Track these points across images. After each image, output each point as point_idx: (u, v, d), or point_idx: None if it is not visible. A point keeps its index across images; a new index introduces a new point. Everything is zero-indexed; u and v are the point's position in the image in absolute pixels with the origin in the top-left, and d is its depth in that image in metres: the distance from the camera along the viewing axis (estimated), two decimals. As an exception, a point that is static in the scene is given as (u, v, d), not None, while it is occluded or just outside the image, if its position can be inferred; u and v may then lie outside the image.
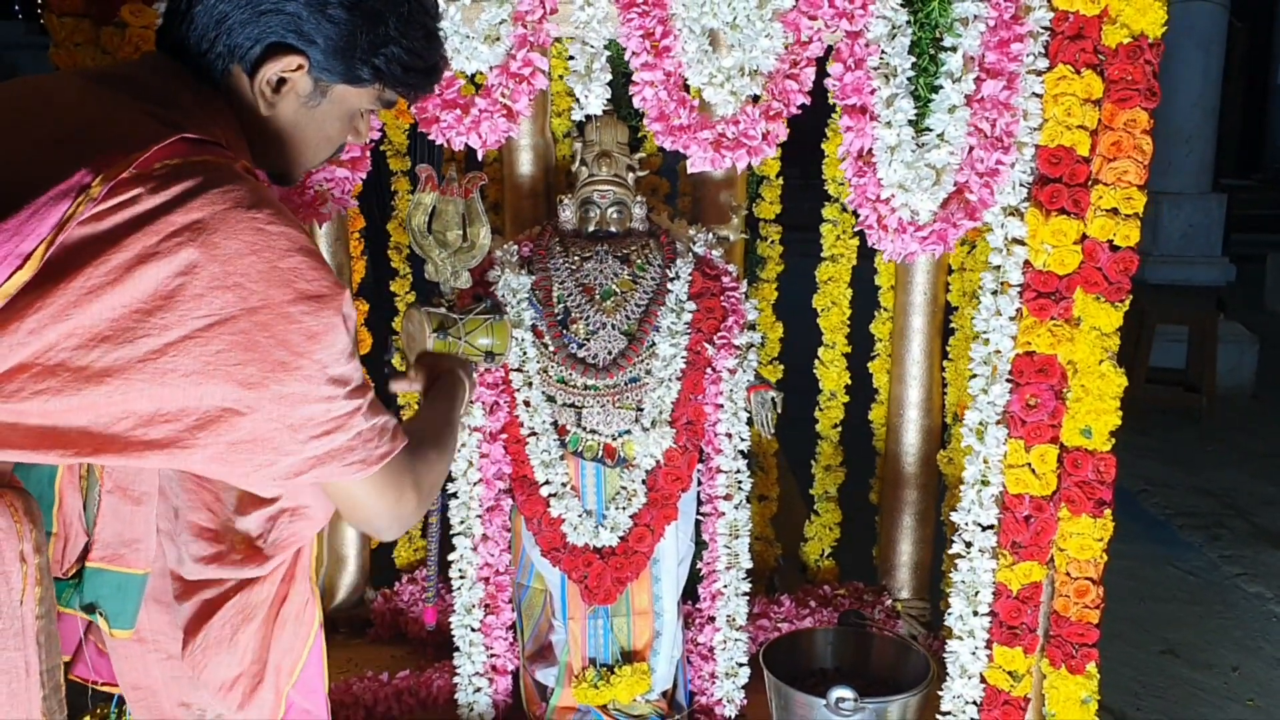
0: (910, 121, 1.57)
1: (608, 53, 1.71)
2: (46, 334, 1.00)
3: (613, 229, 2.15)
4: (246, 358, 1.04)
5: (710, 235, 2.20)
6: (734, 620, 2.24)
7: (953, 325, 2.51)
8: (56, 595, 1.33)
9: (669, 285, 2.13)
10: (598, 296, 2.11)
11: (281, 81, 1.17)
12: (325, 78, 1.18)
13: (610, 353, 2.09)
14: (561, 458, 2.12)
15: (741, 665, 2.24)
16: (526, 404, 2.12)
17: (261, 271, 1.04)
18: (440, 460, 1.36)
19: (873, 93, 1.58)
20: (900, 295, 2.53)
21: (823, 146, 2.52)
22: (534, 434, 2.11)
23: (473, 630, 2.18)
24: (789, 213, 2.69)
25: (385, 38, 1.18)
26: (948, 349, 2.53)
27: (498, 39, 1.63)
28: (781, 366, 2.73)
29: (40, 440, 1.04)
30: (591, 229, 2.15)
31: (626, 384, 2.10)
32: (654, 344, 2.10)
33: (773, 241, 2.69)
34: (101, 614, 1.34)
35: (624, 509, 2.12)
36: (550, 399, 2.12)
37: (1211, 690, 3.17)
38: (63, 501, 1.27)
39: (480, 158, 1.82)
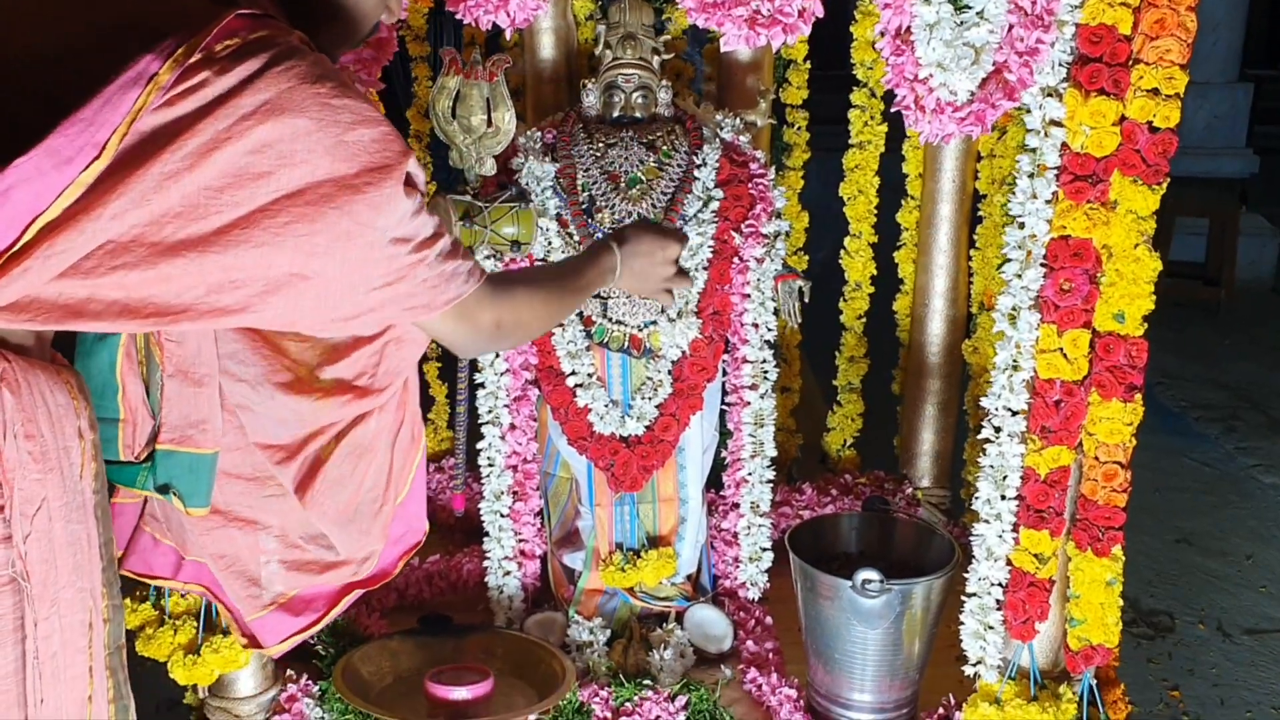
0: (949, -2, 1.53)
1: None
2: (127, 218, 1.04)
3: (638, 114, 2.12)
4: (313, 228, 1.09)
5: (737, 121, 2.17)
6: (758, 507, 2.27)
7: (981, 213, 2.48)
8: (130, 479, 1.38)
9: (695, 172, 2.10)
10: (623, 184, 2.08)
11: None
12: None
13: (635, 241, 2.07)
14: (588, 348, 2.13)
15: (765, 550, 2.28)
16: (552, 293, 2.11)
17: (328, 146, 1.07)
18: (532, 304, 1.44)
19: (912, -33, 1.54)
20: (928, 182, 2.50)
21: (851, 30, 2.46)
22: (560, 325, 2.11)
23: (501, 516, 2.21)
24: (808, 104, 2.65)
25: None
26: (975, 237, 2.50)
27: (525, -89, 1.58)
28: (806, 257, 2.71)
29: (119, 312, 1.08)
30: (616, 114, 2.12)
31: (653, 273, 2.08)
32: (681, 232, 2.08)
33: (800, 128, 2.64)
34: (176, 494, 1.40)
35: (650, 399, 2.13)
36: (576, 288, 2.10)
37: (1225, 578, 3.22)
38: (125, 388, 1.33)
39: (506, 39, 1.78)
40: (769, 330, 2.18)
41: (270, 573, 1.47)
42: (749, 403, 2.22)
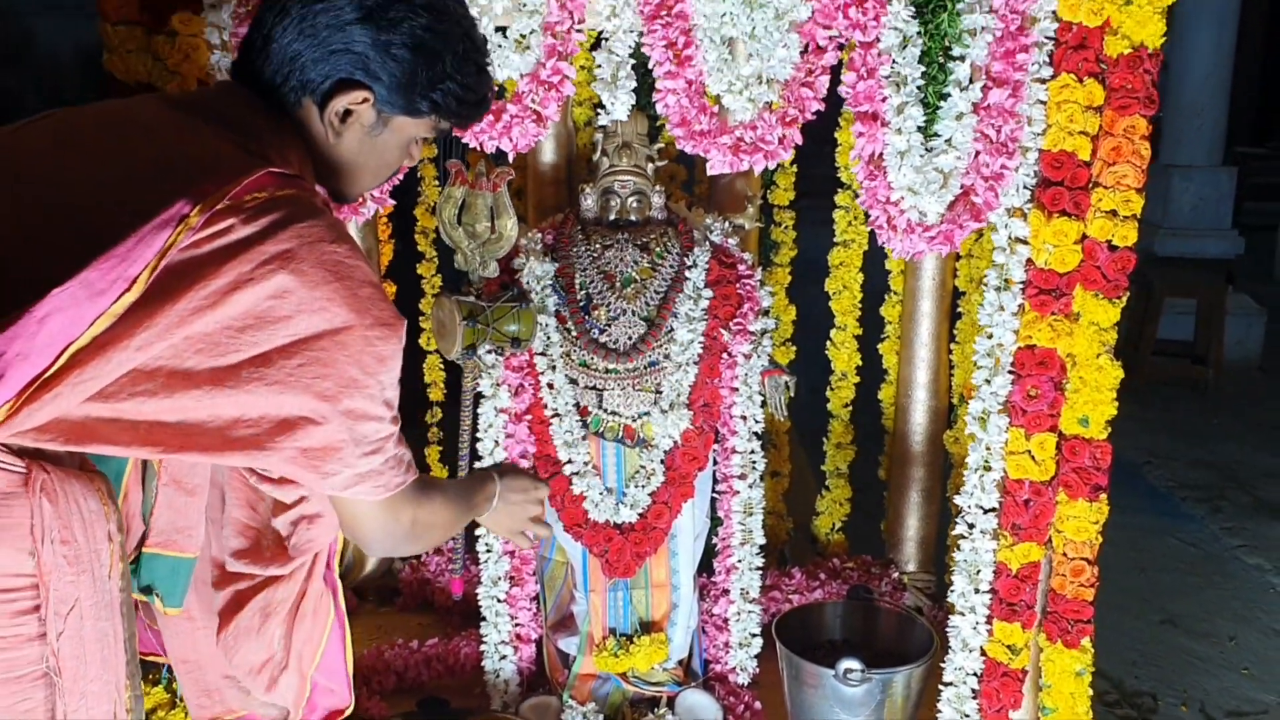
0: (919, 128, 1.66)
1: (632, 60, 1.80)
2: (152, 349, 1.12)
3: (632, 217, 2.23)
4: (324, 372, 1.17)
5: (726, 224, 2.28)
6: (747, 593, 2.35)
7: (960, 310, 2.59)
8: None
9: (687, 272, 2.21)
10: (618, 283, 2.19)
11: (348, 113, 1.27)
12: (387, 110, 1.28)
13: (630, 338, 2.18)
14: (584, 438, 2.22)
15: (754, 636, 2.35)
16: (550, 386, 2.21)
17: (345, 298, 1.16)
18: (444, 509, 1.50)
19: (884, 100, 1.66)
20: (910, 280, 2.62)
21: (836, 135, 2.60)
22: (557, 415, 2.21)
23: (499, 601, 2.29)
24: (802, 179, 2.77)
25: (442, 74, 1.28)
26: (955, 332, 2.61)
27: (528, 48, 1.71)
28: (794, 349, 2.82)
29: (136, 436, 1.16)
30: (612, 217, 2.24)
31: (646, 368, 2.19)
32: (672, 329, 2.19)
33: (786, 227, 2.77)
34: (157, 594, 1.47)
35: (643, 487, 2.22)
36: (573, 382, 2.21)
37: (1208, 659, 3.28)
38: (127, 495, 1.39)
39: (511, 158, 1.91)
40: (756, 422, 2.28)
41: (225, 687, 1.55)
42: (738, 491, 2.31)
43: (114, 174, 1.17)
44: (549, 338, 2.20)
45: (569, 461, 2.22)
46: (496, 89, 1.86)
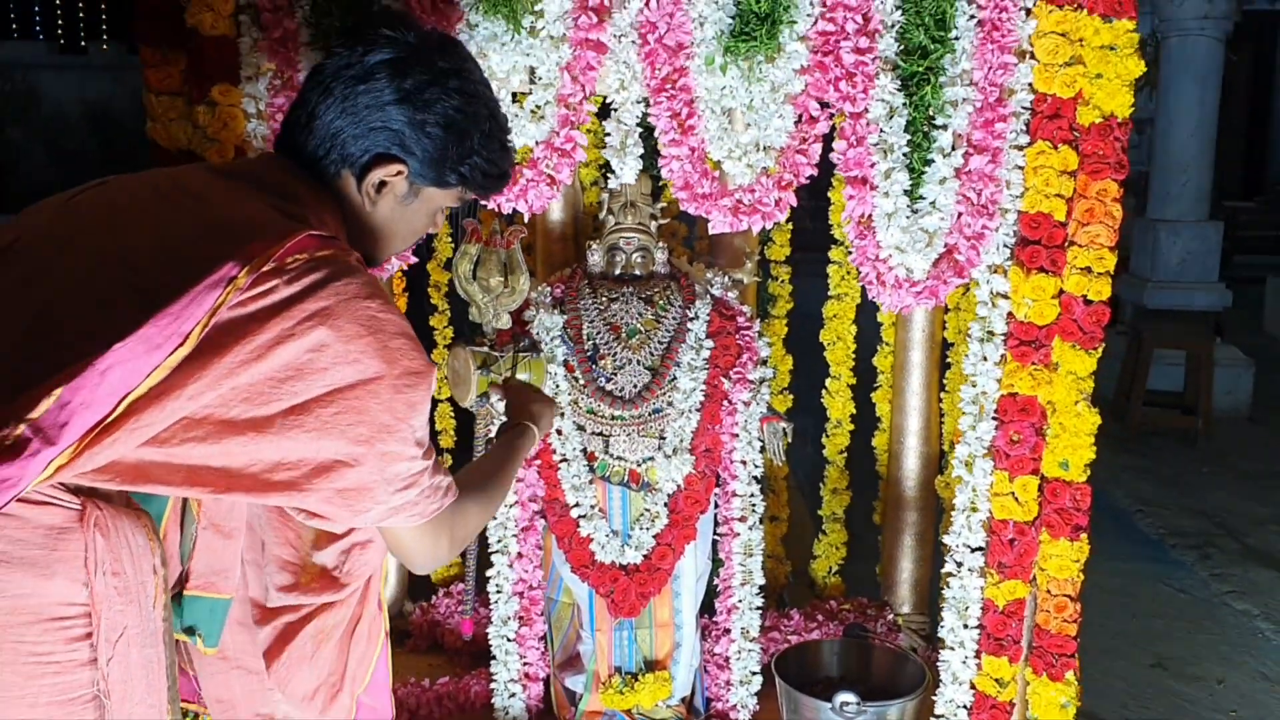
0: (905, 191, 1.79)
1: (640, 129, 1.93)
2: (202, 398, 1.21)
3: (637, 272, 2.35)
4: (358, 419, 1.26)
5: (726, 278, 2.41)
6: (748, 632, 2.44)
7: (949, 360, 2.71)
8: None
9: (689, 324, 2.33)
10: (624, 334, 2.31)
11: (383, 184, 1.39)
12: (419, 181, 1.40)
13: (635, 386, 2.29)
14: (590, 482, 2.32)
15: (755, 674, 2.44)
16: (559, 432, 2.32)
17: (375, 350, 1.26)
18: (479, 512, 1.55)
19: (873, 166, 1.80)
20: (900, 331, 2.74)
21: (829, 195, 2.73)
22: (565, 460, 2.31)
23: (508, 640, 2.38)
24: (798, 234, 2.91)
25: (470, 150, 1.40)
26: (945, 382, 2.73)
27: (543, 117, 1.85)
28: (791, 397, 2.94)
29: (185, 478, 1.25)
30: (618, 272, 2.36)
31: (650, 415, 2.30)
32: (675, 378, 2.30)
33: (783, 281, 2.90)
34: (199, 634, 1.56)
35: (647, 529, 2.31)
36: (580, 428, 2.31)
37: (1197, 702, 3.35)
38: (166, 536, 1.47)
39: (529, 219, 2.03)
40: (756, 467, 2.38)
41: None
42: (739, 534, 2.40)
43: (168, 237, 1.27)
44: (558, 386, 2.31)
45: (576, 505, 2.32)
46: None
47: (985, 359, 1.88)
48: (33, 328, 1.19)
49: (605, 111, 2.00)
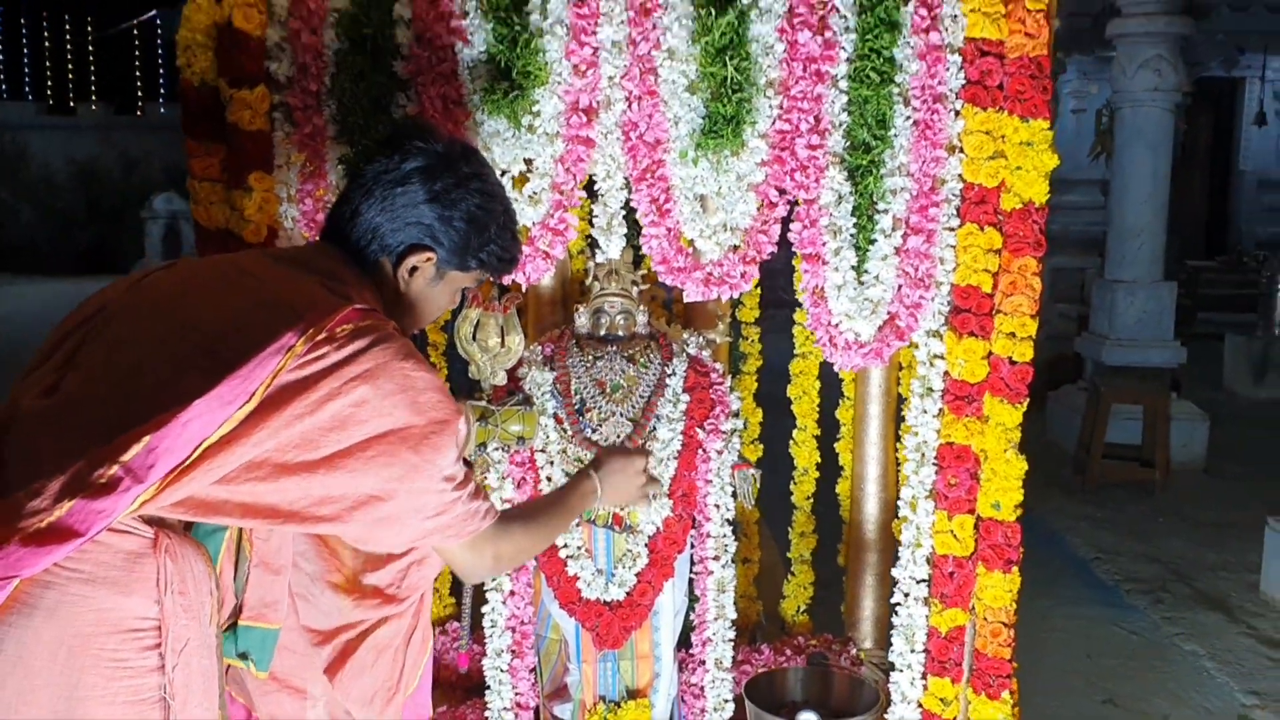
0: (853, 267, 2.06)
1: (624, 210, 2.20)
2: (263, 445, 1.45)
3: (620, 333, 2.57)
4: (392, 461, 1.50)
5: (700, 338, 2.64)
6: (721, 663, 2.64)
7: (903, 413, 2.95)
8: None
9: (667, 380, 2.55)
10: (608, 389, 2.54)
11: (415, 269, 1.65)
12: (445, 267, 1.66)
13: (618, 436, 2.50)
14: (577, 524, 2.54)
15: (727, 701, 2.63)
16: (549, 479, 2.53)
17: (407, 404, 1.50)
18: (525, 536, 1.77)
19: (824, 245, 2.07)
20: (859, 387, 2.98)
21: (793, 263, 3.00)
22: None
23: (501, 671, 2.58)
24: (770, 289, 3.16)
25: (489, 239, 1.66)
26: (900, 432, 2.96)
27: (540, 202, 2.12)
28: (761, 447, 3.18)
29: (246, 511, 1.49)
30: (603, 333, 2.57)
31: (631, 463, 2.53)
32: (655, 429, 2.51)
33: (752, 340, 3.15)
34: (251, 660, 1.78)
35: (629, 568, 2.52)
36: (568, 475, 2.53)
37: (1146, 735, 3.56)
38: (222, 572, 1.69)
39: (525, 289, 2.28)
40: (728, 510, 2.60)
41: None
42: (712, 572, 2.61)
43: (234, 311, 1.50)
44: (548, 436, 2.53)
45: (564, 545, 2.52)
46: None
47: (925, 412, 2.14)
48: (124, 383, 1.42)
49: (594, 193, 2.27)
